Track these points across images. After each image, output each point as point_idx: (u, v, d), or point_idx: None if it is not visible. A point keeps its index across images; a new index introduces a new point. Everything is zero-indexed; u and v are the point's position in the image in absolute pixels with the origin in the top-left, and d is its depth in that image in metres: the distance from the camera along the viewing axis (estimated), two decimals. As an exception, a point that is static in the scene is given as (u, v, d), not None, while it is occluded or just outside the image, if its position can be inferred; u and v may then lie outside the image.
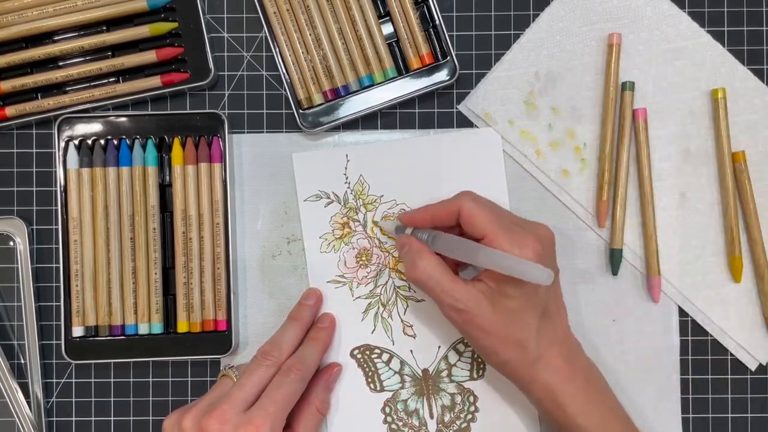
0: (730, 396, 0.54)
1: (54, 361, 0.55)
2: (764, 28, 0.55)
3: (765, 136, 0.54)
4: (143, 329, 0.53)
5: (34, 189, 0.55)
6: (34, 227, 0.55)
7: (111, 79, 0.54)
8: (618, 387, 0.54)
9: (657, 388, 0.54)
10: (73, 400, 0.55)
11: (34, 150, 0.55)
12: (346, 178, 0.55)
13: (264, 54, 0.55)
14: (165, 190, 0.54)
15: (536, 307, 0.47)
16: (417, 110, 0.55)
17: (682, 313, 0.54)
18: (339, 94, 0.54)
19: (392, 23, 0.54)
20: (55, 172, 0.53)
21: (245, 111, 0.55)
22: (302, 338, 0.52)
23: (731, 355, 0.54)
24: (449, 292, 0.46)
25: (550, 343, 0.47)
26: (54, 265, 0.55)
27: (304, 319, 0.52)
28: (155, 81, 0.53)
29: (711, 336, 0.54)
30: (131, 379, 0.55)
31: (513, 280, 0.45)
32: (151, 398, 0.55)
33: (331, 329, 0.54)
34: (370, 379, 0.54)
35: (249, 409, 0.46)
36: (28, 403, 0.54)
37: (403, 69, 0.54)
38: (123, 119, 0.53)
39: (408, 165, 0.55)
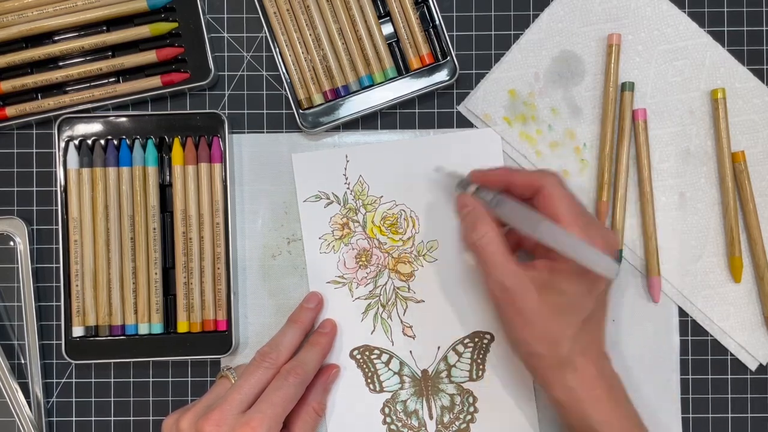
0: (730, 396, 0.54)
1: (54, 361, 0.55)
2: (764, 28, 0.55)
3: (765, 136, 0.54)
4: (143, 329, 0.53)
5: (34, 189, 0.55)
6: (34, 227, 0.55)
7: (111, 79, 0.54)
8: (618, 387, 0.54)
9: (657, 388, 0.54)
10: (73, 400, 0.55)
11: (34, 150, 0.55)
12: (346, 179, 0.55)
13: (264, 54, 0.55)
14: (165, 190, 0.54)
15: (582, 310, 0.45)
16: (417, 110, 0.55)
17: (682, 313, 0.54)
18: (339, 94, 0.54)
19: (392, 23, 0.54)
20: (55, 172, 0.53)
21: (245, 111, 0.55)
22: (301, 341, 0.52)
23: (731, 355, 0.54)
24: (501, 266, 0.45)
25: (584, 350, 0.46)
26: (54, 265, 0.55)
27: (304, 322, 0.52)
28: (155, 81, 0.53)
29: (711, 336, 0.54)
30: (131, 379, 0.55)
31: (568, 275, 0.44)
32: (151, 398, 0.55)
33: (332, 335, 0.53)
34: (369, 380, 0.54)
35: (246, 411, 0.46)
36: (28, 403, 0.54)
37: (403, 69, 0.54)
38: (123, 119, 0.53)
39: (408, 166, 0.55)
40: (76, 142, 0.53)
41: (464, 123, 0.55)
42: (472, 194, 0.49)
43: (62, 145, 0.53)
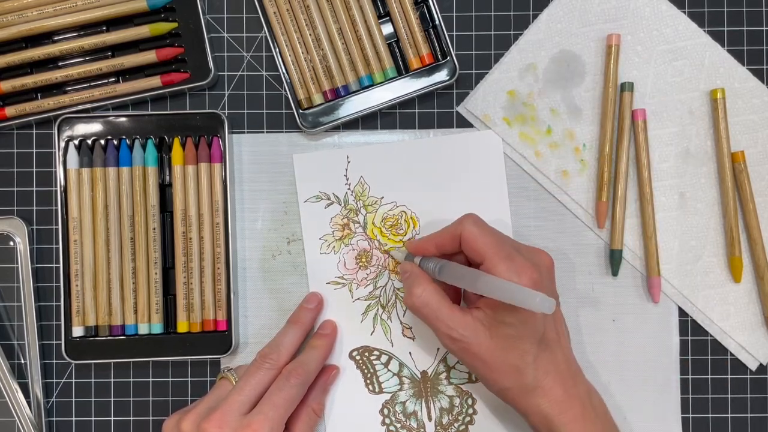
0: (730, 396, 0.54)
1: (54, 361, 0.55)
2: (764, 28, 0.55)
3: (764, 136, 0.55)
4: (143, 329, 0.53)
5: (34, 189, 0.55)
6: (34, 227, 0.55)
7: (111, 79, 0.54)
8: (618, 387, 0.54)
9: (657, 388, 0.54)
10: (73, 400, 0.55)
11: (34, 150, 0.55)
12: (347, 180, 0.55)
13: (264, 54, 0.55)
14: (165, 190, 0.54)
15: (533, 335, 0.46)
16: (417, 110, 0.55)
17: (682, 313, 0.54)
18: (339, 94, 0.54)
19: (392, 23, 0.54)
20: (55, 172, 0.53)
21: (245, 111, 0.55)
22: (302, 342, 0.52)
23: (731, 355, 0.54)
24: (444, 320, 0.46)
25: (547, 371, 0.47)
26: (54, 265, 0.55)
27: (305, 323, 0.52)
28: (155, 81, 0.53)
29: (711, 336, 0.54)
30: (131, 379, 0.55)
31: (509, 307, 0.45)
32: (151, 398, 0.55)
33: (332, 336, 0.53)
34: (368, 381, 0.54)
35: (248, 412, 0.46)
36: (28, 403, 0.54)
37: (403, 69, 0.54)
38: (123, 119, 0.53)
39: (409, 167, 0.55)
40: (76, 142, 0.53)
41: (464, 123, 0.55)
42: (418, 265, 0.50)
43: (62, 145, 0.53)
